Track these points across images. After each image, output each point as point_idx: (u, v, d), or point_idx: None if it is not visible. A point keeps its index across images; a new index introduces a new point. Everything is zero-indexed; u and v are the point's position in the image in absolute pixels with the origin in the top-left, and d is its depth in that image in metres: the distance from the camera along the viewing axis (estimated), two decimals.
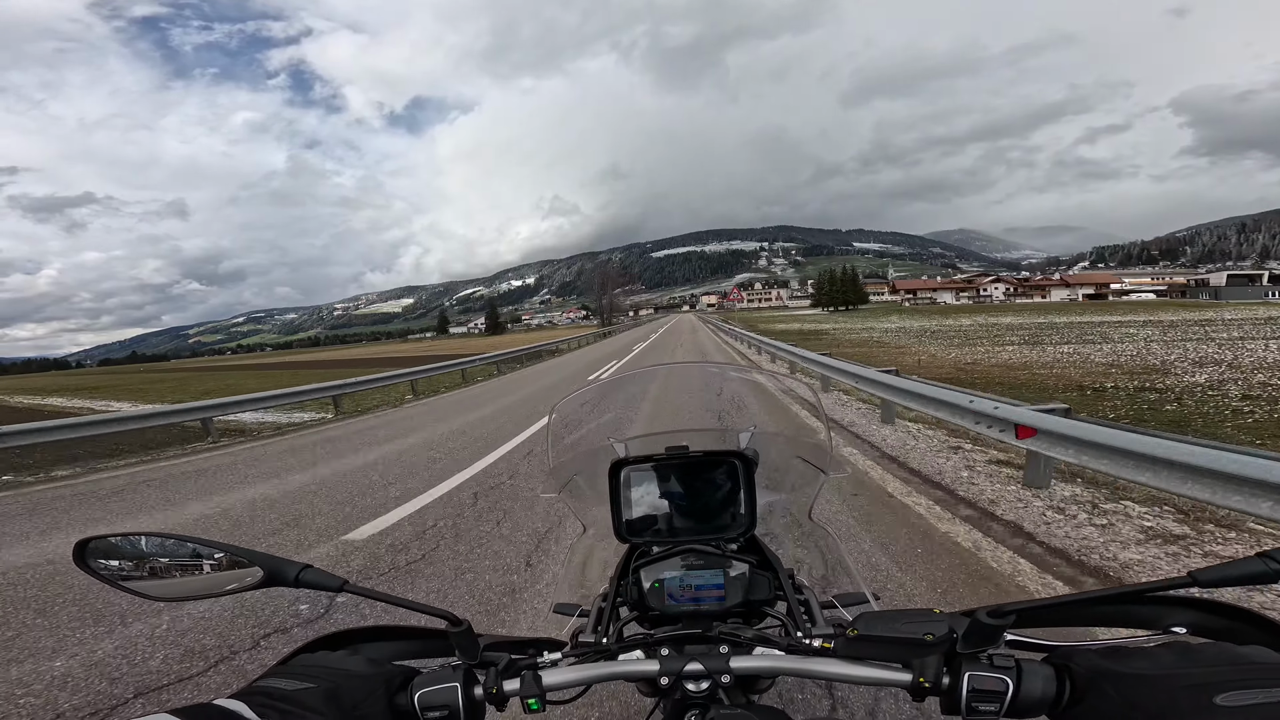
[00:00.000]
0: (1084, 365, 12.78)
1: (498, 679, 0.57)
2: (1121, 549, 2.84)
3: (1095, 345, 17.94)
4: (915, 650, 0.52)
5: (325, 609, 2.61)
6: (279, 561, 0.57)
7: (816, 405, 1.08)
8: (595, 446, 1.03)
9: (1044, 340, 20.72)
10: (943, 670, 0.52)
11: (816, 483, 1.00)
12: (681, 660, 0.60)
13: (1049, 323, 33.54)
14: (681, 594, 0.74)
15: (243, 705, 0.46)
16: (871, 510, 3.60)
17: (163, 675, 2.18)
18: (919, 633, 0.52)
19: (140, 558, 0.58)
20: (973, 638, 0.51)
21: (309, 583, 0.56)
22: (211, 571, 0.58)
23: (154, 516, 4.47)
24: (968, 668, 0.51)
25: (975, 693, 0.50)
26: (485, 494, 4.36)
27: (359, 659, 0.57)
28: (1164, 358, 13.47)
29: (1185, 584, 0.46)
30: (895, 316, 55.50)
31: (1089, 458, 3.25)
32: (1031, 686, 0.49)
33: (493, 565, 3.05)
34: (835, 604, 0.84)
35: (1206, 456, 2.55)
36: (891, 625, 0.54)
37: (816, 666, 0.57)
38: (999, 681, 0.49)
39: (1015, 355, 15.94)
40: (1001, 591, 2.47)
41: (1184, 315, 35.60)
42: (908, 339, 25.01)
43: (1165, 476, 2.78)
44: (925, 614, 0.54)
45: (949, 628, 0.52)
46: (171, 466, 6.41)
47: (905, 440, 5.40)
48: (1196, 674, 0.43)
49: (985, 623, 0.50)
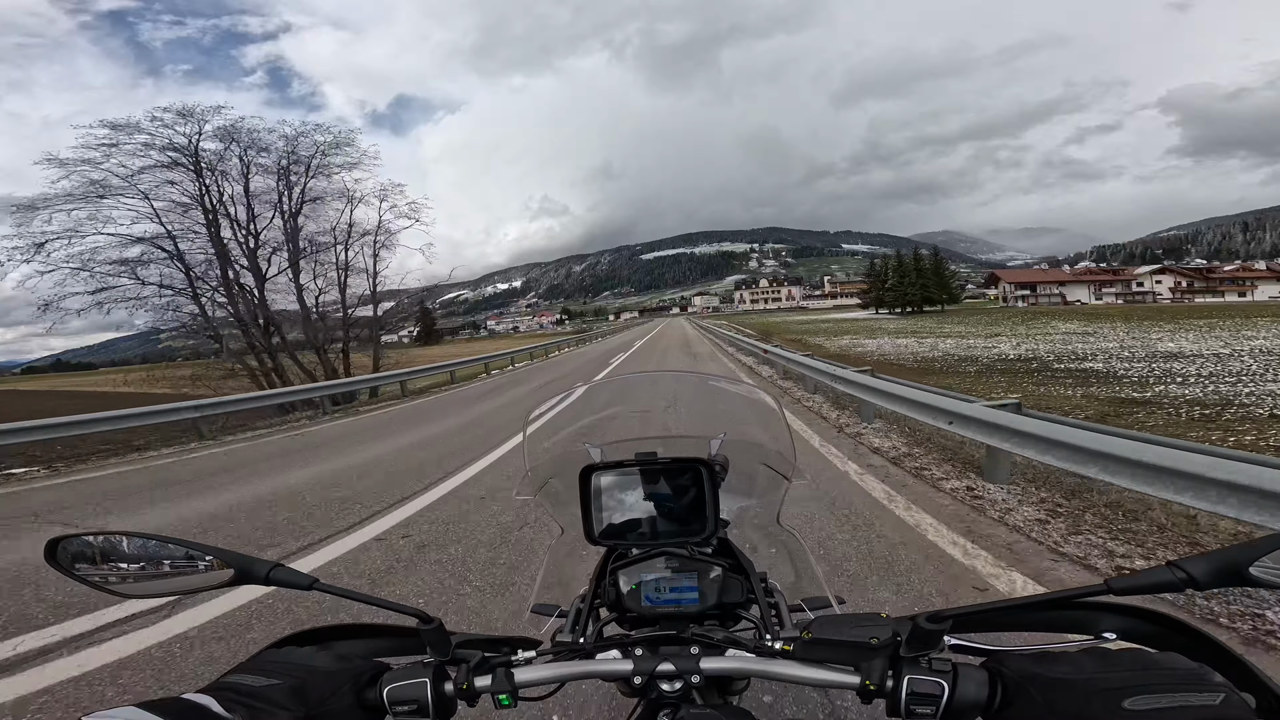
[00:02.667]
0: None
1: (469, 675, 0.58)
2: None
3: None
4: (862, 654, 0.54)
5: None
6: (249, 560, 0.58)
7: (779, 414, 1.08)
8: (570, 450, 1.05)
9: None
10: (887, 673, 0.53)
11: (782, 489, 1.01)
12: (654, 660, 0.61)
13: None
14: (659, 596, 0.75)
15: (210, 699, 0.47)
16: None
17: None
18: (866, 636, 0.54)
19: (111, 556, 0.58)
20: (914, 642, 0.53)
21: (279, 581, 0.57)
22: (182, 570, 0.58)
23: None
24: (908, 671, 0.52)
25: (914, 695, 0.51)
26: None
27: (327, 655, 0.58)
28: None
29: (1102, 591, 0.48)
30: (1045, 325, 29.92)
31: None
32: (965, 690, 0.51)
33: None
34: (803, 607, 0.85)
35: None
36: (843, 629, 0.55)
37: (777, 668, 0.58)
38: (935, 685, 0.51)
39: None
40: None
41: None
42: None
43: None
44: (873, 618, 0.56)
45: (893, 632, 0.54)
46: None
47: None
48: (1111, 679, 0.45)
49: (925, 627, 0.52)
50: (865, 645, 0.53)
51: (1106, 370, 12.28)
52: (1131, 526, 3.09)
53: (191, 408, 9.00)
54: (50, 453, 7.91)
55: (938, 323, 40.71)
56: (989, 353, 17.62)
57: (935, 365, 15.36)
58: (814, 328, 41.06)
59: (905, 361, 16.58)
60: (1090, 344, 18.72)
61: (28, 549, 3.78)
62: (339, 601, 2.41)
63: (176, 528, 4.18)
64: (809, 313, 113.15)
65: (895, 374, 8.51)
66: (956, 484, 4.04)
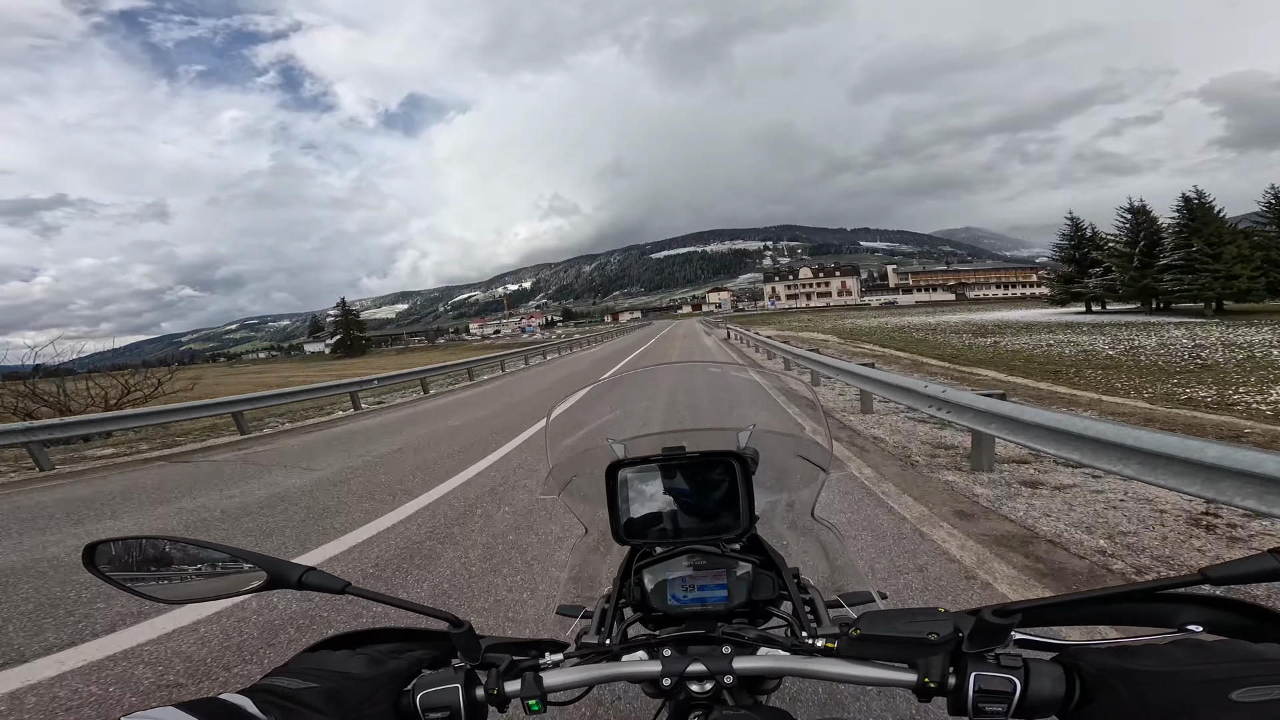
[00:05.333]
0: None
1: (499, 680, 0.58)
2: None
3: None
4: (920, 650, 0.52)
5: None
6: (282, 564, 0.58)
7: (815, 404, 1.08)
8: (593, 447, 1.03)
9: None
10: (948, 670, 0.51)
11: (818, 481, 0.99)
12: (684, 661, 0.60)
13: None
14: (685, 594, 0.74)
15: (247, 701, 0.48)
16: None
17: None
18: (923, 632, 0.51)
19: (146, 561, 0.59)
20: (978, 637, 0.50)
21: (312, 585, 0.57)
22: (215, 574, 0.59)
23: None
24: (974, 667, 0.50)
25: (982, 693, 0.49)
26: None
27: (361, 660, 0.57)
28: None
29: (1196, 582, 0.45)
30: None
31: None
32: (1040, 686, 0.48)
33: None
34: (841, 603, 0.82)
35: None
36: (895, 625, 0.53)
37: (820, 667, 0.57)
38: (1006, 681, 0.49)
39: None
40: None
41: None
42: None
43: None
44: (930, 613, 0.53)
45: (954, 627, 0.51)
46: None
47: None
48: (1211, 670, 0.42)
49: (991, 622, 0.50)
50: (923, 641, 0.51)
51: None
52: None
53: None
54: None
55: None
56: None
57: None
58: (1069, 354, 17.37)
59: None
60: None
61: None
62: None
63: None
64: (908, 313, 69.68)
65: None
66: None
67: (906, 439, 5.73)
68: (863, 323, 47.57)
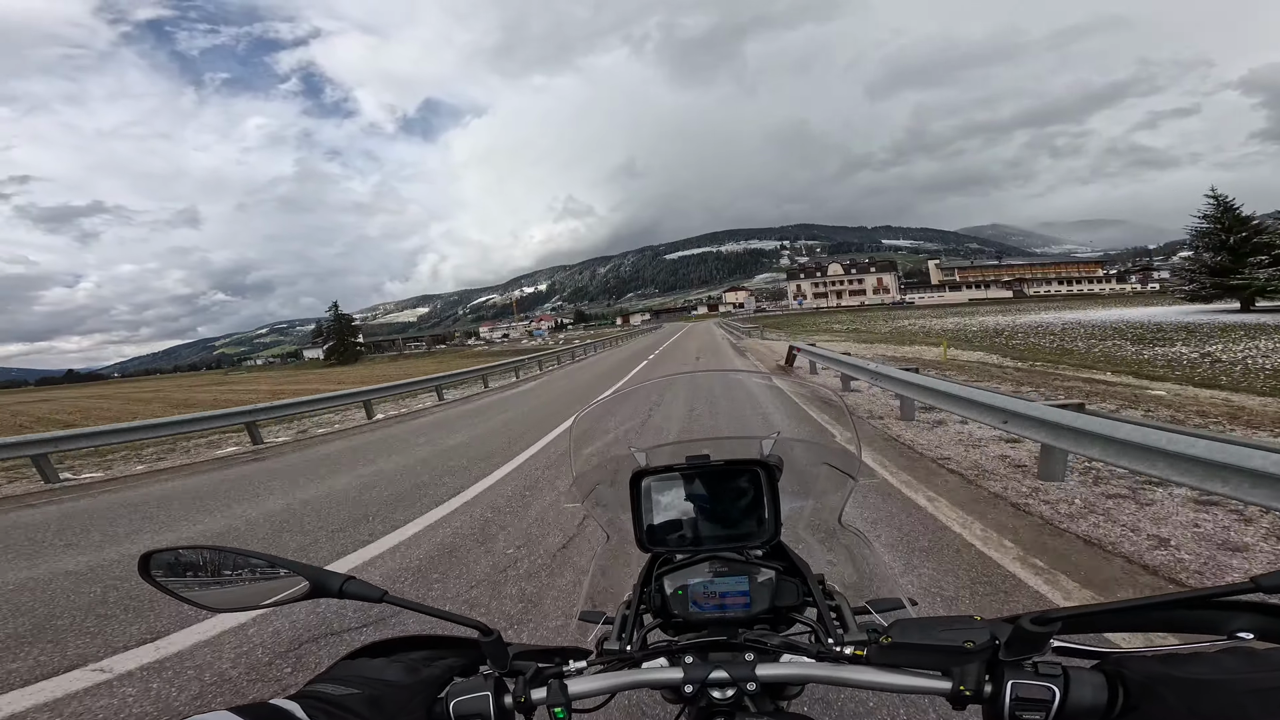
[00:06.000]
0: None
1: (525, 688, 0.59)
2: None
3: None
4: (954, 658, 0.51)
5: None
6: (323, 573, 0.59)
7: (845, 412, 1.09)
8: (616, 455, 1.04)
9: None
10: (984, 678, 0.50)
11: (846, 488, 0.99)
12: (706, 668, 0.60)
13: None
14: (705, 601, 0.73)
15: (296, 706, 0.50)
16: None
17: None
18: (958, 640, 0.50)
19: (196, 569, 0.62)
20: (1016, 645, 0.49)
21: (352, 594, 0.59)
22: (259, 581, 0.61)
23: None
24: (1011, 675, 0.49)
25: (1019, 701, 0.48)
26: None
27: (399, 667, 0.60)
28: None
29: (1248, 589, 0.44)
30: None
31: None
32: (1080, 694, 0.47)
33: None
34: (869, 609, 0.80)
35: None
36: (928, 632, 0.52)
37: (849, 674, 0.56)
38: (1044, 689, 0.48)
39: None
40: None
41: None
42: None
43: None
44: (965, 621, 0.52)
45: (990, 635, 0.50)
46: None
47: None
48: (1264, 679, 0.40)
49: (1029, 630, 0.48)
50: (958, 649, 0.50)
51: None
52: None
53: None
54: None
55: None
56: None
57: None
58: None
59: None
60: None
61: None
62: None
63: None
64: (978, 312, 55.07)
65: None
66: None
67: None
68: (936, 324, 37.52)
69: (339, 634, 2.64)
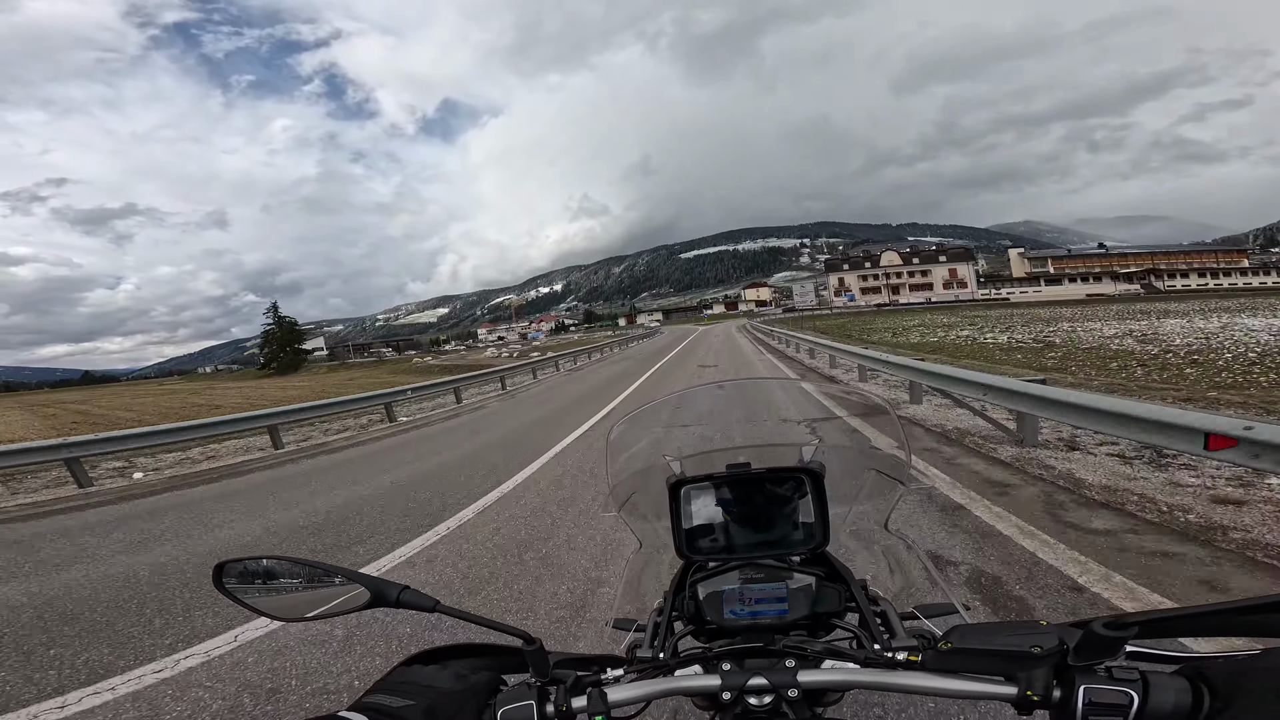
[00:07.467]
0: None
1: (566, 696, 0.61)
2: None
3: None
4: (1019, 663, 0.49)
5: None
6: (381, 583, 0.62)
7: (893, 418, 1.05)
8: (651, 464, 1.04)
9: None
10: (1053, 683, 0.48)
11: (894, 494, 0.98)
12: (744, 675, 0.60)
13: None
14: (741, 607, 0.74)
15: (362, 718, 0.53)
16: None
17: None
18: (1024, 645, 0.49)
19: (266, 578, 0.65)
20: (1086, 650, 0.47)
21: (407, 603, 0.61)
22: (323, 589, 0.64)
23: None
24: (1082, 680, 0.47)
25: (1093, 705, 0.46)
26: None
27: (449, 675, 0.62)
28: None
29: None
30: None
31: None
32: (1161, 699, 0.44)
33: None
34: (917, 615, 0.80)
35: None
36: (991, 638, 0.51)
37: (902, 680, 0.55)
38: (1121, 695, 0.45)
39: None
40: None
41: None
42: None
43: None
44: (1031, 625, 0.51)
45: (1059, 640, 0.48)
46: None
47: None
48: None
49: (1102, 634, 0.46)
50: (1024, 655, 0.48)
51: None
52: None
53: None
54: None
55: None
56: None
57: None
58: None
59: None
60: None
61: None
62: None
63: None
64: (1167, 313, 32.76)
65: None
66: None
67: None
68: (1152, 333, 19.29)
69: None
